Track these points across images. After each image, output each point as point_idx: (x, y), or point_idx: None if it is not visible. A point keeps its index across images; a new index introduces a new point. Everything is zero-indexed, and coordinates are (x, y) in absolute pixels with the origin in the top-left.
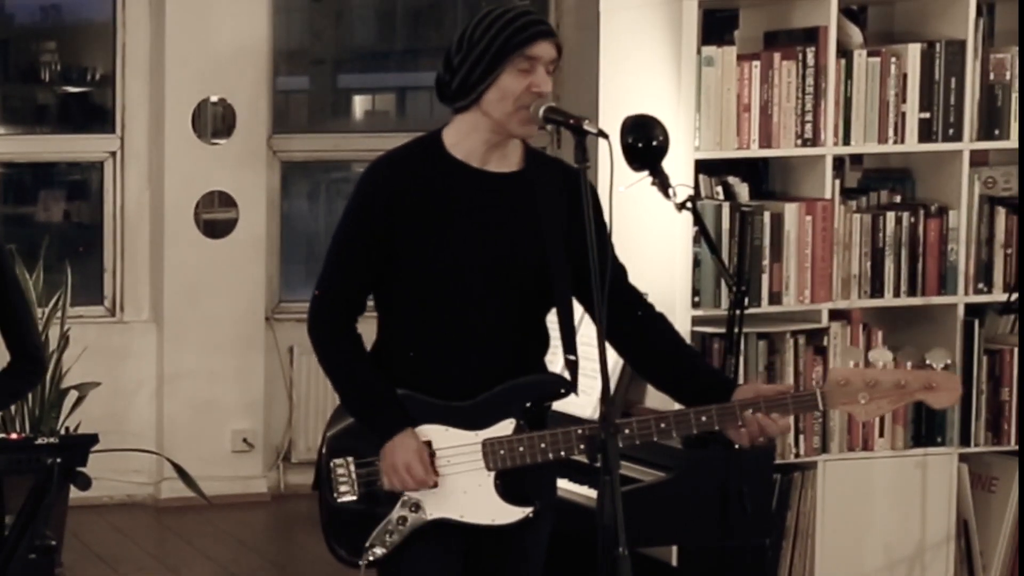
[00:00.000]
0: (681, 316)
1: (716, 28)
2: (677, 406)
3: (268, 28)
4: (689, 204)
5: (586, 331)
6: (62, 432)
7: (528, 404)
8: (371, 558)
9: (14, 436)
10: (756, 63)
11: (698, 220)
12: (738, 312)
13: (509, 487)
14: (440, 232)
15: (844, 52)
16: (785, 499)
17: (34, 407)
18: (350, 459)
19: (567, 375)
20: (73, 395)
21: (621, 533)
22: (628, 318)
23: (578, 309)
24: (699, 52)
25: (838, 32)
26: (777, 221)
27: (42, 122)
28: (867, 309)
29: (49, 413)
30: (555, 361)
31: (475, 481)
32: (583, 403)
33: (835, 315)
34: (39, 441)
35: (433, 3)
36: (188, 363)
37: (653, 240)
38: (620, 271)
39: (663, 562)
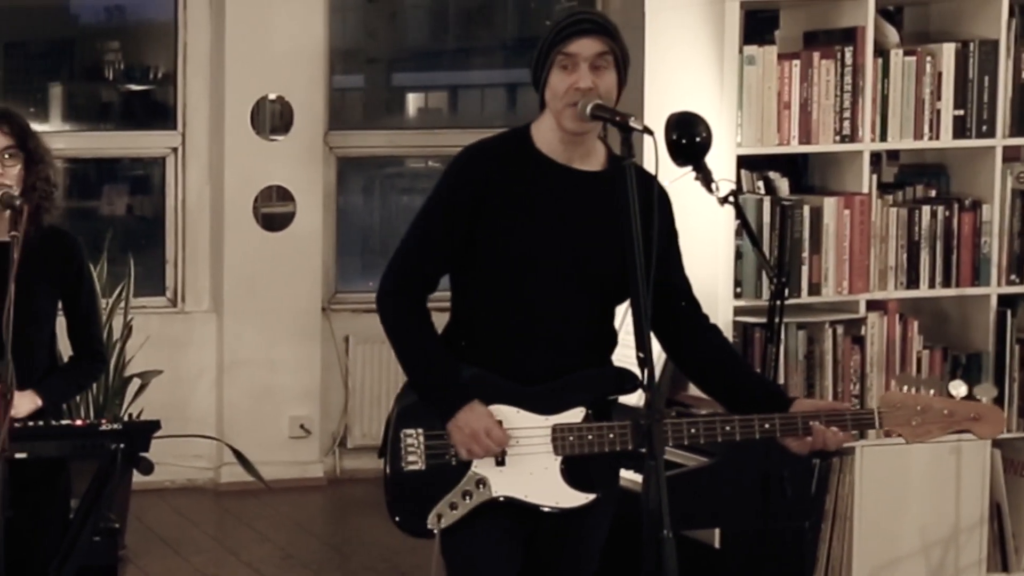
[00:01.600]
0: (723, 307)
1: (757, 28)
2: None
3: (324, 28)
4: (731, 198)
5: (630, 322)
6: (125, 419)
7: (599, 395)
8: (433, 527)
9: (79, 422)
10: (796, 62)
11: (740, 214)
12: (778, 302)
13: (574, 473)
14: (521, 223)
15: (881, 51)
16: (824, 483)
17: (98, 394)
18: (420, 430)
19: (637, 371)
20: (136, 383)
21: (666, 516)
22: (686, 327)
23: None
24: (741, 51)
25: (875, 32)
26: (816, 214)
27: (106, 119)
28: (903, 300)
29: (113, 400)
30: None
31: (542, 464)
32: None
33: (872, 305)
34: (103, 427)
35: (484, 4)
36: (247, 352)
37: (696, 233)
38: (685, 281)
39: (706, 544)
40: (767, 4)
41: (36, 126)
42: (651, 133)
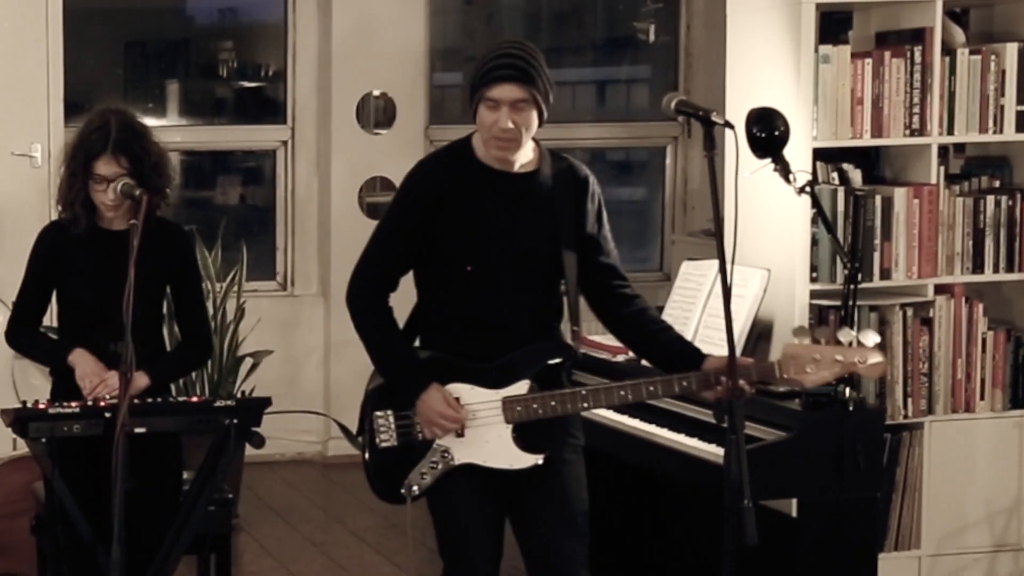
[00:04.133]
0: (800, 290)
1: (832, 28)
2: None
3: (425, 28)
4: (808, 188)
5: (714, 303)
6: (238, 396)
7: (539, 367)
8: (410, 495)
9: (195, 399)
10: (868, 60)
11: (816, 203)
12: (852, 286)
13: (525, 437)
14: (469, 224)
15: (948, 50)
16: (895, 456)
17: (213, 373)
18: (390, 411)
19: (574, 343)
20: (248, 362)
21: (746, 487)
22: (615, 301)
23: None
24: (816, 50)
25: (943, 32)
26: (887, 204)
27: (220, 114)
28: (969, 284)
29: (227, 378)
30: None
31: (496, 432)
32: None
33: (940, 289)
34: (218, 404)
35: (575, 6)
36: (353, 333)
37: (775, 221)
38: (615, 260)
39: (784, 513)
40: (841, 6)
41: (154, 121)
42: (732, 127)
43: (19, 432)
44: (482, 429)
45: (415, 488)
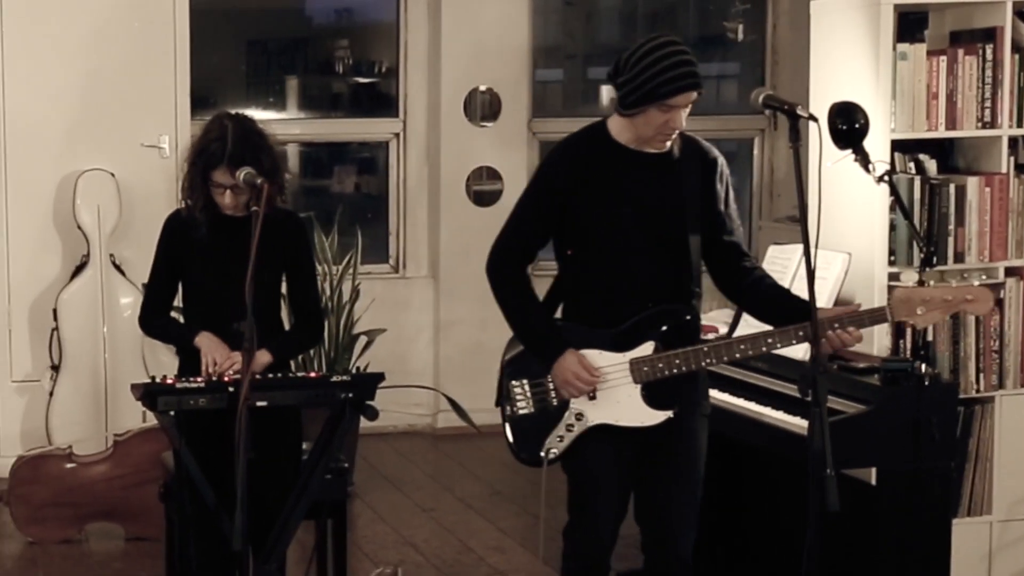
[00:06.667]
0: (879, 273)
1: (909, 28)
2: None
3: (528, 27)
4: (886, 177)
5: (799, 285)
6: (354, 371)
7: (661, 329)
8: (549, 458)
9: (313, 375)
10: (943, 58)
11: (894, 191)
12: (927, 269)
13: (653, 395)
14: (606, 199)
15: (1018, 48)
16: (968, 428)
17: (330, 350)
18: (525, 380)
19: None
20: (363, 340)
21: (828, 457)
22: (737, 273)
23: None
24: (894, 48)
25: (1013, 31)
26: (961, 192)
27: (336, 108)
28: None
29: (342, 355)
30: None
31: (626, 392)
32: (796, 346)
33: (1010, 272)
34: (334, 379)
35: (669, 6)
36: (460, 312)
37: (855, 208)
38: (739, 236)
39: (864, 482)
40: (918, 6)
41: (274, 115)
42: (816, 120)
43: (148, 405)
44: (612, 390)
45: (553, 451)
